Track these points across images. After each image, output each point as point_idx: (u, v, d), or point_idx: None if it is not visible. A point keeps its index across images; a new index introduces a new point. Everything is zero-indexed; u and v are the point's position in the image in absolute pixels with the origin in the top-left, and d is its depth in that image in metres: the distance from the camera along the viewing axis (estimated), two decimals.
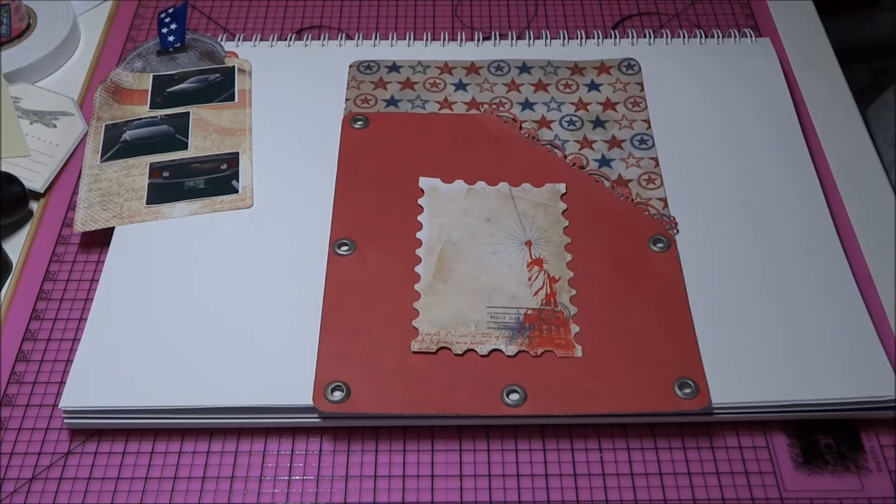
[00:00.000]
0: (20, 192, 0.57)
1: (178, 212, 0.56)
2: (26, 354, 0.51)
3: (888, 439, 0.47)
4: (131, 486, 0.46)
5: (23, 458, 0.47)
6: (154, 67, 0.65)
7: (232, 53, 0.66)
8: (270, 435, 0.48)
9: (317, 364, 0.48)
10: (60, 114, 0.63)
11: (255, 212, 0.56)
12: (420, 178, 0.57)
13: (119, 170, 0.58)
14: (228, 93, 0.63)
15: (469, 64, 0.65)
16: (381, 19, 0.71)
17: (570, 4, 0.72)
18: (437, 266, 0.52)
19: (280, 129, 0.61)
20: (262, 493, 0.46)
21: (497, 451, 0.47)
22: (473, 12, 0.72)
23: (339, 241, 0.54)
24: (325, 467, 0.47)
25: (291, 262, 0.53)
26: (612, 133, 0.60)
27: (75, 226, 0.55)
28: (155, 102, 0.63)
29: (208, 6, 0.72)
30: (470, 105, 0.62)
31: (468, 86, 0.63)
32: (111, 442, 0.48)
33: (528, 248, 0.53)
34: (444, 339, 0.49)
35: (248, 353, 0.49)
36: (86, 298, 0.53)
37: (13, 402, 0.49)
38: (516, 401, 0.47)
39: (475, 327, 0.49)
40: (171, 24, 0.67)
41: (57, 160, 0.60)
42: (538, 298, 0.51)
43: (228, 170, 0.58)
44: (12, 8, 0.67)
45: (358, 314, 0.50)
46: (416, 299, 0.51)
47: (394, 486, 0.46)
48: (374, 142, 0.59)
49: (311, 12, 0.72)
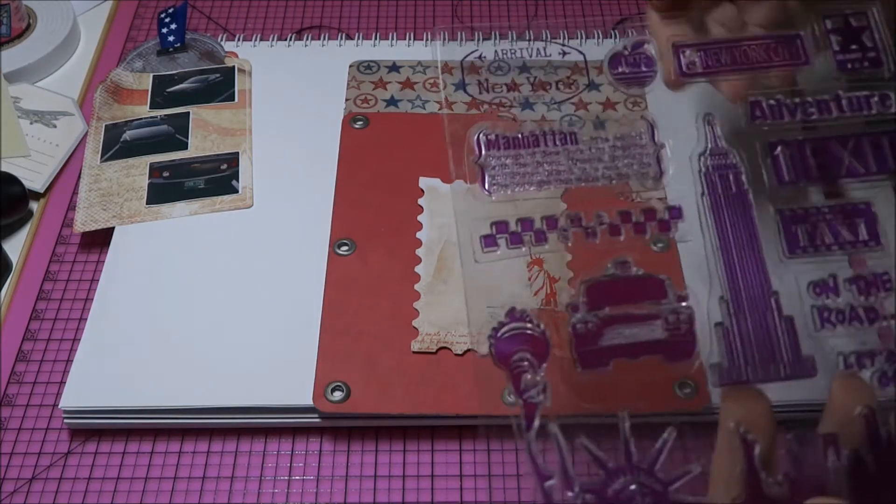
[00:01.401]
0: (20, 192, 0.57)
1: (178, 212, 0.56)
2: (26, 354, 0.51)
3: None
4: (131, 486, 0.46)
5: (23, 458, 0.47)
6: (154, 67, 0.65)
7: (232, 53, 0.66)
8: (270, 435, 0.48)
9: (317, 364, 0.48)
10: (60, 114, 0.63)
11: (255, 212, 0.56)
12: (420, 178, 0.57)
13: (119, 170, 0.58)
14: (228, 93, 0.63)
15: (469, 64, 0.65)
16: (381, 19, 0.71)
17: (570, 4, 0.72)
18: (437, 266, 0.52)
19: (280, 129, 0.61)
20: (262, 493, 0.46)
21: (497, 451, 0.47)
22: (473, 12, 0.72)
23: (339, 241, 0.54)
24: (325, 467, 0.47)
25: (291, 262, 0.53)
26: (612, 133, 0.60)
27: (75, 226, 0.55)
28: (155, 102, 0.63)
29: (208, 6, 0.72)
30: (470, 105, 0.62)
31: (468, 86, 0.63)
32: (111, 442, 0.48)
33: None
34: (444, 339, 0.49)
35: (248, 353, 0.49)
36: (86, 298, 0.53)
37: (13, 402, 0.49)
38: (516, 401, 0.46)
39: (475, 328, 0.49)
40: (171, 24, 0.67)
41: (57, 160, 0.60)
42: (538, 298, 0.51)
43: (228, 170, 0.58)
44: (12, 8, 0.67)
45: (358, 314, 0.50)
46: (416, 299, 0.51)
47: (394, 486, 0.46)
48: (374, 142, 0.59)
49: (311, 12, 0.72)
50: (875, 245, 0.40)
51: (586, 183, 0.42)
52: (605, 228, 0.42)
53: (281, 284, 0.52)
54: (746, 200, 0.40)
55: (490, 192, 0.41)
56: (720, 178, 0.41)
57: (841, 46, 0.42)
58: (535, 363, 0.39)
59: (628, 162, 0.43)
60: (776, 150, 0.41)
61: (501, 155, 0.42)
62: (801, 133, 0.41)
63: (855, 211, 0.40)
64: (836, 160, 0.41)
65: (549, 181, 0.41)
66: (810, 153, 0.41)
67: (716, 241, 0.40)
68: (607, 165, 0.43)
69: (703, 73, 0.44)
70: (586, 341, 0.39)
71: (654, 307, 0.39)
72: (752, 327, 0.39)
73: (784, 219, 0.40)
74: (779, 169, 0.41)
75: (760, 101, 0.42)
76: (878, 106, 0.41)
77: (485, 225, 0.41)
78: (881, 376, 0.38)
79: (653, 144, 0.44)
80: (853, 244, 0.40)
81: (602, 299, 0.40)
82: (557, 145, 0.42)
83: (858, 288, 0.39)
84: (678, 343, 0.39)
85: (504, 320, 0.40)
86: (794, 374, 0.38)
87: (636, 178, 0.43)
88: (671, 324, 0.39)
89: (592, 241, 0.50)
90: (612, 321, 0.39)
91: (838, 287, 0.39)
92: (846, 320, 0.39)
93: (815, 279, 0.39)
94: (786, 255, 0.39)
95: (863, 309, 0.39)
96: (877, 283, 0.39)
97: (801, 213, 0.40)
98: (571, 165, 0.42)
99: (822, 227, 0.40)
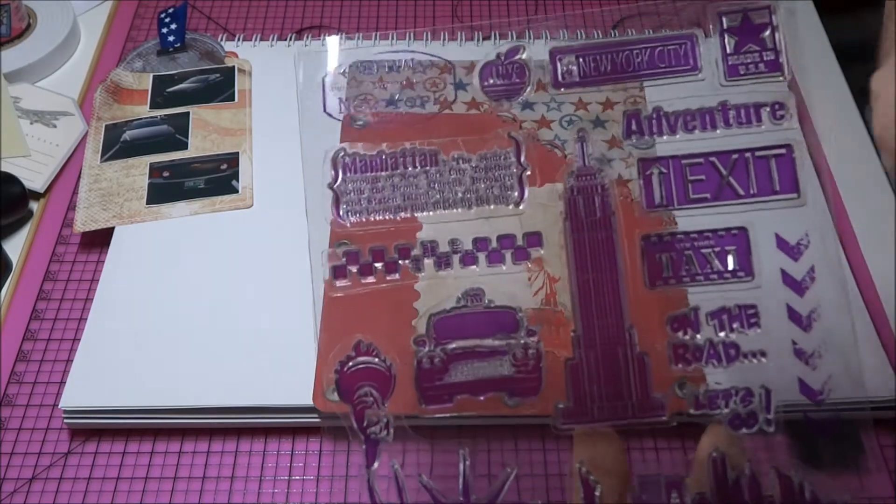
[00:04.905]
0: (20, 192, 0.57)
1: (178, 212, 0.56)
2: (26, 354, 0.51)
3: (888, 439, 0.47)
4: (131, 486, 0.46)
5: (23, 458, 0.47)
6: (154, 67, 0.65)
7: (232, 53, 0.66)
8: (270, 435, 0.48)
9: (317, 364, 0.48)
10: (60, 114, 0.63)
11: (255, 212, 0.56)
12: None
13: (119, 170, 0.58)
14: (228, 93, 0.63)
15: (469, 64, 0.65)
16: (381, 19, 0.71)
17: (570, 4, 0.72)
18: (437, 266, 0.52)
19: (280, 129, 0.61)
20: (262, 493, 0.46)
21: (497, 451, 0.47)
22: (473, 12, 0.72)
23: (339, 242, 0.53)
24: (325, 467, 0.47)
25: (291, 262, 0.53)
26: (612, 133, 0.60)
27: (75, 226, 0.55)
28: (155, 102, 0.63)
29: (208, 6, 0.72)
30: (470, 105, 0.62)
31: (468, 86, 0.63)
32: (111, 442, 0.48)
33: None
34: None
35: (248, 352, 0.49)
36: (86, 298, 0.53)
37: (13, 402, 0.49)
38: (516, 401, 0.46)
39: None
40: (171, 24, 0.67)
41: (57, 160, 0.60)
42: (538, 298, 0.51)
43: (228, 170, 0.58)
44: (12, 8, 0.67)
45: (358, 314, 0.50)
46: (416, 299, 0.51)
47: (393, 486, 0.46)
48: (374, 142, 0.59)
49: (311, 12, 0.72)
50: (744, 276, 0.36)
51: (445, 209, 0.39)
52: (459, 257, 0.38)
53: (281, 284, 0.52)
54: (609, 225, 0.37)
55: (343, 219, 0.39)
56: (584, 199, 0.38)
57: (735, 48, 0.38)
58: (378, 398, 0.38)
59: (489, 185, 0.40)
60: (649, 170, 0.38)
61: (358, 179, 0.39)
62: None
63: (727, 238, 0.37)
64: (715, 180, 0.37)
65: (405, 207, 0.39)
66: (686, 173, 0.37)
67: (573, 269, 0.37)
68: (467, 188, 0.39)
69: (580, 83, 0.40)
70: (431, 377, 0.38)
71: (505, 341, 0.37)
72: (603, 364, 0.36)
73: (649, 246, 0.37)
74: (649, 191, 0.37)
75: (638, 114, 0.38)
76: (769, 118, 0.37)
77: (336, 254, 0.39)
78: (733, 418, 0.36)
79: (518, 165, 0.40)
80: (720, 274, 0.36)
81: (449, 333, 0.38)
82: (417, 167, 0.39)
83: (720, 323, 0.36)
84: (524, 380, 0.37)
85: (351, 353, 0.39)
86: (641, 414, 0.36)
87: (496, 202, 0.39)
88: (519, 360, 0.37)
89: (447, 270, 0.45)
90: (459, 356, 0.37)
91: (699, 322, 0.36)
92: (702, 358, 0.36)
93: (677, 313, 0.36)
94: (647, 286, 0.36)
95: (722, 345, 0.36)
96: (741, 316, 0.36)
97: (667, 241, 0.37)
98: (429, 189, 0.39)
99: (689, 255, 0.37)
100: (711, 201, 0.37)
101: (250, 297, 0.52)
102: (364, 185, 0.39)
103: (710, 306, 0.36)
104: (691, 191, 0.37)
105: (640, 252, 0.37)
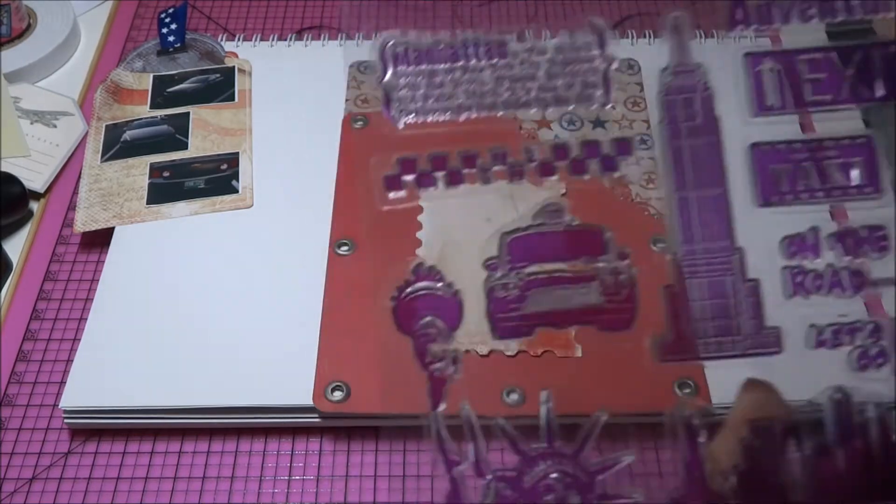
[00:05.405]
0: (20, 192, 0.57)
1: (178, 212, 0.56)
2: (26, 354, 0.51)
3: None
4: (131, 486, 0.46)
5: (23, 458, 0.47)
6: (154, 67, 0.65)
7: (232, 53, 0.66)
8: (270, 435, 0.48)
9: (317, 364, 0.48)
10: (60, 114, 0.63)
11: (255, 212, 0.56)
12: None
13: (119, 170, 0.58)
14: (228, 93, 0.63)
15: None
16: (382, 19, 0.71)
17: (570, 4, 0.72)
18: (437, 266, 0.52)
19: (280, 129, 0.61)
20: (262, 493, 0.46)
21: (497, 450, 0.47)
22: (473, 12, 0.72)
23: (339, 241, 0.54)
24: (325, 467, 0.47)
25: (291, 262, 0.53)
26: (611, 133, 0.60)
27: (75, 226, 0.55)
28: (155, 102, 0.63)
29: (208, 6, 0.72)
30: None
31: None
32: (111, 442, 0.48)
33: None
34: None
35: (247, 352, 0.49)
36: (86, 298, 0.53)
37: (13, 402, 0.49)
38: (516, 401, 0.46)
39: (475, 327, 0.49)
40: (171, 24, 0.67)
41: (57, 160, 0.60)
42: None
43: (228, 170, 0.58)
44: (12, 8, 0.67)
45: (358, 314, 0.50)
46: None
47: (394, 486, 0.46)
48: (374, 142, 0.59)
49: (311, 12, 0.72)
50: (872, 192, 0.31)
51: (516, 109, 0.33)
52: (535, 166, 0.32)
53: (281, 284, 0.52)
54: (714, 132, 0.32)
55: (396, 119, 0.32)
56: (683, 101, 0.32)
57: None
58: (444, 330, 0.33)
59: (569, 81, 0.33)
60: (758, 66, 0.32)
61: (412, 73, 0.32)
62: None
63: (851, 148, 0.32)
64: (836, 79, 0.31)
65: (468, 106, 0.32)
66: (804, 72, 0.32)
67: (671, 182, 0.32)
68: (542, 86, 0.33)
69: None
70: (505, 306, 0.33)
71: (590, 265, 0.32)
72: (708, 292, 0.32)
73: (760, 156, 0.32)
74: (760, 91, 0.32)
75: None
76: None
77: (387, 162, 0.33)
78: (861, 355, 0.31)
79: (601, 59, 0.33)
80: (844, 190, 0.31)
81: (526, 256, 0.32)
82: (482, 60, 0.32)
83: (845, 246, 0.31)
84: (616, 310, 0.32)
85: (410, 278, 0.33)
86: (752, 349, 0.32)
87: (578, 102, 0.33)
88: (609, 287, 0.32)
89: (519, 183, 0.36)
90: (538, 282, 0.33)
91: (819, 245, 0.31)
92: (824, 287, 0.31)
93: (792, 234, 0.31)
94: (759, 203, 0.31)
95: (847, 273, 0.31)
96: (870, 239, 0.31)
97: (782, 150, 0.32)
98: (496, 86, 0.33)
99: (808, 168, 0.32)
100: (831, 104, 0.32)
101: (250, 296, 0.52)
102: (420, 79, 0.32)
103: (831, 227, 0.32)
104: (809, 91, 0.32)
105: (751, 163, 0.32)
